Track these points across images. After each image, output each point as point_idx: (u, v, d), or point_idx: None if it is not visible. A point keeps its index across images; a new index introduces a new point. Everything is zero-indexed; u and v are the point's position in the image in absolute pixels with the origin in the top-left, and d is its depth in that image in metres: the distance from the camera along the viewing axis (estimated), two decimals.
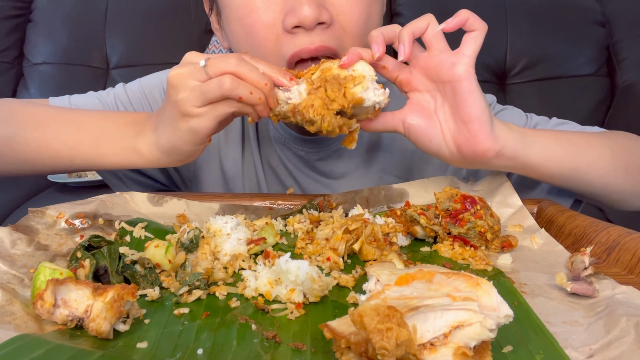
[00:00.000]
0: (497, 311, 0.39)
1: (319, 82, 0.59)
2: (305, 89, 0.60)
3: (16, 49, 2.10)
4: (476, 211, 0.61)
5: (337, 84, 0.58)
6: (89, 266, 0.51)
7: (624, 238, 0.58)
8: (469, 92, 0.60)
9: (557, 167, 0.67)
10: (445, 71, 0.61)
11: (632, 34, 1.87)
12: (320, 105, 0.58)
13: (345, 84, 0.58)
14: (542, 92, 1.84)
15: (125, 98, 0.88)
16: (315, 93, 0.58)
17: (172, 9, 2.04)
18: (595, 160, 0.69)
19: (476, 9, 0.59)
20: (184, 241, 0.57)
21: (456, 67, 0.60)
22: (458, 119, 0.62)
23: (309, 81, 0.60)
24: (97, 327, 0.43)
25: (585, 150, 0.69)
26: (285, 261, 0.50)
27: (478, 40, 0.60)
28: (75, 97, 0.88)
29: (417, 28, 0.60)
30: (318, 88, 0.59)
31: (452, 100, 0.62)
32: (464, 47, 0.60)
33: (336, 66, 0.60)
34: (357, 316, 0.37)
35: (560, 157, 0.67)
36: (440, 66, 0.61)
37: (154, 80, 0.91)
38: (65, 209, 0.64)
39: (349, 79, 0.58)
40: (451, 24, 0.59)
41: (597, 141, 0.71)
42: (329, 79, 0.58)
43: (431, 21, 0.61)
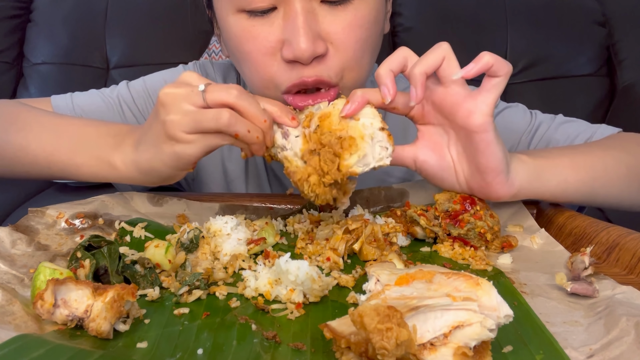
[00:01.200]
0: (497, 311, 0.39)
1: (315, 142, 0.55)
2: (301, 147, 0.56)
3: (16, 49, 2.10)
4: (476, 212, 0.61)
5: (331, 155, 0.54)
6: (89, 266, 0.51)
7: (624, 238, 0.58)
8: (486, 144, 0.56)
9: (572, 194, 0.66)
10: (461, 117, 0.57)
11: (632, 34, 1.87)
12: (316, 183, 0.55)
13: (340, 152, 0.53)
14: (542, 92, 1.84)
15: (128, 96, 0.87)
16: (310, 159, 0.55)
17: (172, 9, 2.04)
18: (610, 180, 0.68)
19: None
20: (184, 241, 0.57)
21: (473, 117, 0.56)
22: (473, 165, 0.59)
23: (306, 134, 0.57)
24: (97, 327, 0.43)
25: (601, 174, 0.67)
26: (285, 261, 0.50)
27: (500, 87, 0.56)
28: (77, 95, 0.87)
29: (432, 65, 0.55)
30: (313, 152, 0.55)
31: (466, 145, 0.59)
32: (483, 95, 0.56)
33: (337, 113, 0.56)
34: (357, 316, 0.37)
35: (577, 186, 0.65)
36: (456, 109, 0.57)
37: (158, 78, 0.90)
38: (65, 209, 0.64)
39: (346, 145, 0.53)
40: (473, 70, 0.54)
41: (612, 158, 0.70)
42: (325, 143, 0.54)
43: (447, 55, 0.55)
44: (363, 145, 0.54)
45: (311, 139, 0.56)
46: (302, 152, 0.56)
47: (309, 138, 0.56)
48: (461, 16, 1.86)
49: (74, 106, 0.85)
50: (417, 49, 0.58)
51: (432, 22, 1.89)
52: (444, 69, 0.56)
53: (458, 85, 0.57)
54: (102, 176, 0.65)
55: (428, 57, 0.55)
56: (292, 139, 0.58)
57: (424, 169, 0.62)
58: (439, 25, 1.86)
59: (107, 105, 0.86)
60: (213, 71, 0.93)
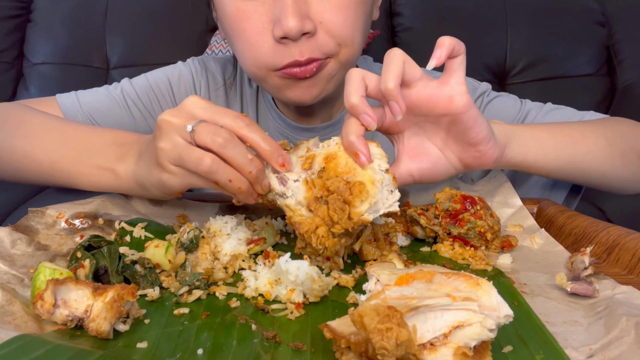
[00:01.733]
0: (497, 311, 0.39)
1: (320, 187, 0.51)
2: (305, 194, 0.52)
3: (16, 49, 2.10)
4: (476, 211, 0.61)
5: (340, 202, 0.50)
6: (89, 266, 0.51)
7: (624, 238, 0.58)
8: (474, 119, 0.57)
9: (553, 161, 0.67)
10: (442, 106, 0.57)
11: (632, 34, 1.87)
12: (325, 235, 0.51)
13: (350, 200, 0.50)
14: (542, 92, 1.84)
15: (133, 92, 0.88)
16: (318, 208, 0.51)
17: (172, 9, 2.04)
18: (590, 150, 0.70)
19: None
20: (184, 241, 0.57)
21: (455, 101, 0.56)
22: (463, 143, 0.59)
23: (308, 180, 0.53)
24: (97, 327, 0.43)
25: (580, 141, 0.69)
26: (285, 261, 0.50)
27: (464, 64, 0.57)
28: (83, 93, 0.87)
29: (399, 73, 0.54)
30: (319, 199, 0.51)
31: (450, 128, 0.59)
32: (454, 77, 0.56)
33: (344, 154, 0.53)
34: (357, 316, 0.37)
35: (556, 151, 0.67)
36: (433, 102, 0.57)
37: (160, 74, 0.91)
38: (65, 209, 0.64)
39: (356, 192, 0.50)
40: (442, 56, 0.54)
41: (591, 130, 0.71)
42: (333, 189, 0.50)
43: (405, 58, 0.54)
44: (374, 191, 0.51)
45: (315, 184, 0.52)
46: (307, 201, 0.52)
47: (311, 184, 0.52)
48: (461, 16, 1.86)
49: (81, 104, 0.84)
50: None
51: (432, 22, 1.89)
52: (407, 73, 0.55)
53: (424, 79, 0.56)
54: (105, 186, 0.65)
55: (390, 67, 0.54)
56: (292, 185, 0.54)
57: (422, 177, 0.62)
58: (439, 25, 1.86)
59: (113, 101, 0.86)
60: (213, 64, 0.94)
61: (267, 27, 0.69)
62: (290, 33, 0.66)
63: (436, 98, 0.57)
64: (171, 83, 0.90)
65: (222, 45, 1.86)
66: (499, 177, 0.75)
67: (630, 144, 0.74)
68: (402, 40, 1.85)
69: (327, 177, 0.52)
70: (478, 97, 0.88)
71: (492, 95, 0.89)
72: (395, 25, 1.95)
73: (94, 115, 0.85)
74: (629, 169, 0.74)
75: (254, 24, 0.69)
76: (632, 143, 0.75)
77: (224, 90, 0.92)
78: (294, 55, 0.69)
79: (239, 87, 0.93)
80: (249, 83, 0.92)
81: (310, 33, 0.68)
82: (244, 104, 0.93)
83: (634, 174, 0.75)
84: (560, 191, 0.82)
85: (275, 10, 0.68)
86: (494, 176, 0.76)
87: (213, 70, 0.93)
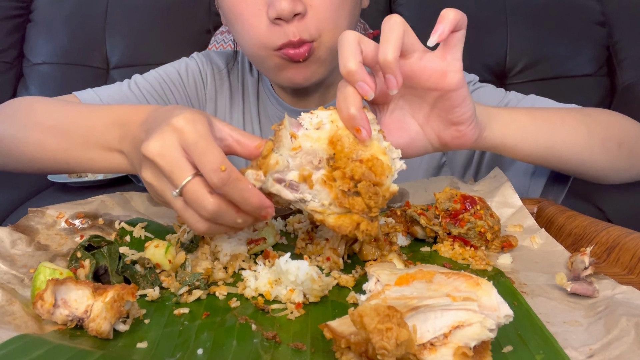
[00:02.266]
0: (497, 311, 0.39)
1: (342, 180, 0.49)
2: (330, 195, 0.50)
3: (16, 49, 2.10)
4: (476, 211, 0.61)
5: (372, 187, 0.48)
6: (89, 266, 0.51)
7: (624, 238, 0.58)
8: (462, 98, 0.56)
9: (532, 144, 0.67)
10: (434, 80, 0.55)
11: (632, 34, 1.87)
12: (368, 226, 0.50)
13: (378, 181, 0.48)
14: (542, 92, 1.82)
15: (146, 84, 0.92)
16: (352, 203, 0.49)
17: (172, 9, 2.04)
18: (569, 136, 0.70)
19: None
20: (184, 241, 0.57)
21: (449, 77, 0.54)
22: (446, 121, 0.58)
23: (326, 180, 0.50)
24: (97, 327, 0.43)
25: (560, 126, 0.69)
26: (285, 261, 0.50)
27: (463, 39, 0.54)
28: (99, 89, 0.89)
29: (399, 45, 0.51)
30: (347, 193, 0.49)
31: (437, 104, 0.58)
32: (451, 52, 0.54)
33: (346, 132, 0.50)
34: (357, 316, 0.37)
35: (535, 135, 0.67)
36: (427, 75, 0.55)
37: (168, 67, 0.96)
38: (65, 209, 0.64)
39: (379, 170, 0.48)
40: (446, 31, 0.52)
41: (571, 117, 0.72)
42: (358, 177, 0.48)
43: (405, 28, 0.52)
44: (389, 160, 0.50)
45: (336, 177, 0.50)
46: (336, 200, 0.50)
47: (330, 180, 0.50)
48: None
49: (100, 98, 0.87)
50: None
51: (432, 22, 1.88)
52: (406, 44, 0.52)
53: (420, 51, 0.54)
54: (118, 167, 0.64)
55: (391, 37, 0.51)
56: (305, 187, 0.51)
57: (398, 144, 0.58)
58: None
59: (129, 93, 0.90)
60: (216, 56, 1.00)
61: (262, 9, 0.75)
62: (283, 14, 0.72)
63: (430, 71, 0.55)
64: (180, 74, 0.96)
65: (222, 46, 1.86)
66: (499, 177, 0.75)
67: (611, 132, 0.75)
68: None
69: (340, 163, 0.49)
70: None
71: (477, 85, 0.92)
72: None
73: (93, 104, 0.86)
74: (607, 157, 0.74)
75: (250, 6, 0.76)
76: (612, 132, 0.75)
77: (228, 78, 0.98)
78: (288, 35, 0.75)
79: (240, 75, 0.99)
80: (250, 72, 0.99)
81: (301, 14, 0.74)
82: (245, 91, 0.98)
83: (613, 162, 0.76)
84: (540, 179, 0.83)
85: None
86: (494, 176, 0.76)
87: (217, 61, 0.99)
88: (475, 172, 0.93)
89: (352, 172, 0.49)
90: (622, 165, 0.78)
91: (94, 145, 0.64)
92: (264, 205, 0.49)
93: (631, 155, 0.77)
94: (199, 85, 0.96)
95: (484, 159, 0.89)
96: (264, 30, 0.76)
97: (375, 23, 1.96)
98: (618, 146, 0.75)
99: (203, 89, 0.97)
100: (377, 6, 1.96)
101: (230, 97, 0.98)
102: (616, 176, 0.80)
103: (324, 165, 0.51)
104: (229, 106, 0.97)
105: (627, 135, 0.77)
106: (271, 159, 0.50)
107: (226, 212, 0.49)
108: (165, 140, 0.48)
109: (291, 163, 0.51)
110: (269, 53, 0.78)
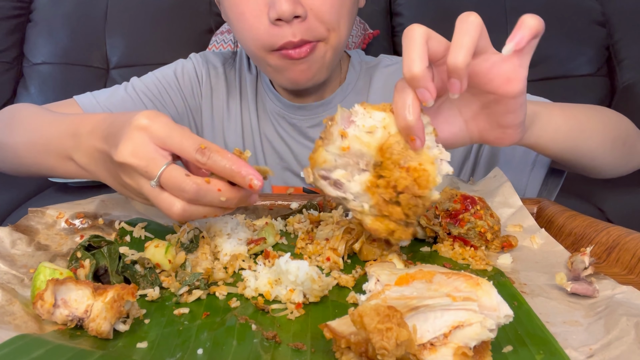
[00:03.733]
0: (497, 311, 0.39)
1: (385, 189, 0.49)
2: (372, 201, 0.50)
3: (16, 49, 2.10)
4: (476, 211, 0.61)
5: (413, 199, 0.48)
6: (89, 266, 0.51)
7: (624, 238, 0.58)
8: (519, 106, 0.54)
9: (560, 143, 0.70)
10: (496, 84, 0.52)
11: (632, 34, 1.87)
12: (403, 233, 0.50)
13: (421, 194, 0.48)
14: (542, 92, 1.82)
15: (143, 86, 0.94)
16: (392, 211, 0.49)
17: (172, 9, 2.04)
18: (592, 134, 0.73)
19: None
20: (184, 241, 0.57)
21: (512, 85, 0.52)
22: (495, 123, 0.56)
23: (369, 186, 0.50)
24: (97, 327, 0.43)
25: (586, 124, 0.72)
26: (285, 261, 0.50)
27: (535, 46, 0.52)
28: (97, 92, 0.92)
29: (473, 48, 0.48)
30: (387, 202, 0.49)
31: (490, 106, 0.55)
32: (521, 59, 0.51)
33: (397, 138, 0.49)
34: (357, 316, 0.37)
35: (565, 135, 0.69)
36: (489, 77, 0.52)
37: (165, 69, 0.98)
38: (65, 209, 0.64)
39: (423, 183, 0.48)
40: (524, 41, 0.49)
41: (593, 115, 0.75)
42: (401, 188, 0.48)
43: (482, 30, 0.49)
44: (434, 170, 0.48)
45: (379, 185, 0.49)
46: (377, 207, 0.50)
47: (374, 187, 0.50)
48: None
49: (98, 101, 0.89)
50: None
51: (432, 22, 1.87)
52: (479, 46, 0.49)
53: (489, 51, 0.52)
54: (75, 174, 0.63)
55: (465, 40, 0.47)
56: (350, 186, 0.51)
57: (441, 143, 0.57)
58: (439, 26, 1.85)
59: (126, 96, 0.92)
60: (213, 56, 1.02)
61: (263, 10, 0.76)
62: (283, 15, 0.73)
63: (493, 75, 0.52)
64: (176, 75, 0.97)
65: (222, 46, 1.86)
66: (499, 177, 0.75)
67: (619, 131, 0.78)
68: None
69: (386, 173, 0.49)
70: None
71: None
72: (395, 25, 1.95)
73: (112, 109, 0.90)
74: (614, 154, 0.78)
75: (251, 7, 0.77)
76: (620, 130, 0.78)
77: (224, 76, 0.99)
78: (287, 36, 0.76)
79: (237, 73, 1.00)
80: (249, 70, 1.00)
81: (301, 17, 0.75)
82: (243, 88, 0.99)
83: (617, 159, 0.79)
84: (538, 174, 0.84)
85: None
86: (494, 176, 0.76)
87: (213, 61, 1.00)
88: (473, 167, 0.93)
89: (396, 182, 0.48)
90: (622, 162, 0.81)
91: (53, 154, 0.64)
92: (249, 173, 0.49)
93: (630, 152, 0.81)
94: (194, 84, 0.97)
95: (482, 153, 0.90)
96: (264, 31, 0.77)
97: (375, 23, 1.97)
98: (623, 144, 0.78)
99: (198, 86, 0.98)
100: (377, 6, 1.96)
101: (227, 93, 0.98)
102: (613, 171, 0.82)
103: (370, 169, 0.51)
104: (226, 101, 0.98)
105: (628, 132, 0.80)
106: (320, 156, 0.51)
107: (208, 190, 0.49)
108: (135, 140, 0.50)
109: (338, 161, 0.51)
110: (268, 53, 0.79)
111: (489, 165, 0.89)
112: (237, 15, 0.79)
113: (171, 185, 0.49)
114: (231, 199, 0.50)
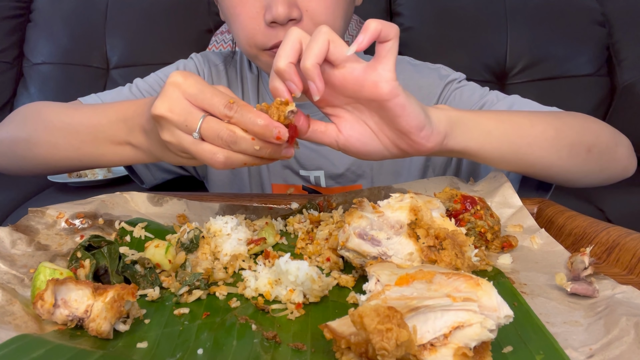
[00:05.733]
0: (497, 311, 0.39)
1: (425, 236, 0.53)
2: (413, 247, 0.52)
3: (16, 49, 2.10)
4: (476, 211, 0.61)
5: (458, 246, 0.53)
6: (89, 266, 0.51)
7: (624, 238, 0.58)
8: (402, 108, 0.55)
9: (496, 149, 0.66)
10: (368, 90, 0.55)
11: (632, 34, 1.87)
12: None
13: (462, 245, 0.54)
14: (542, 92, 1.84)
15: (146, 86, 0.96)
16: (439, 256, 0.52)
17: (172, 9, 2.05)
18: (536, 140, 0.69)
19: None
20: (184, 241, 0.57)
21: (380, 87, 0.54)
22: (395, 130, 0.58)
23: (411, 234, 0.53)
24: (97, 327, 0.43)
25: (528, 130, 0.68)
26: (285, 262, 0.50)
27: (394, 50, 0.54)
28: (102, 93, 0.93)
29: (320, 53, 0.53)
30: (431, 248, 0.52)
31: (381, 114, 0.58)
32: (382, 63, 0.54)
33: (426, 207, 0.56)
34: (357, 317, 0.37)
35: (499, 140, 0.66)
36: (359, 85, 0.55)
37: (167, 69, 0.99)
38: (65, 209, 0.64)
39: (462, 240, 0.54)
40: (365, 42, 0.52)
41: (541, 120, 0.71)
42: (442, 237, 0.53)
43: (331, 37, 0.53)
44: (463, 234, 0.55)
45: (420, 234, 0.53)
46: (420, 253, 0.52)
47: (414, 235, 0.53)
48: (461, 16, 1.86)
49: (103, 101, 0.90)
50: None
51: (432, 22, 1.89)
52: (332, 53, 0.53)
53: (352, 61, 0.55)
54: (130, 159, 0.68)
55: (313, 46, 0.53)
56: (388, 243, 0.53)
57: (350, 145, 0.60)
58: (439, 25, 1.87)
59: (131, 96, 0.93)
60: (214, 56, 1.03)
61: (259, 12, 0.77)
62: (278, 18, 0.74)
63: (362, 82, 0.55)
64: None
65: (222, 46, 1.86)
66: (499, 177, 0.75)
67: (580, 137, 0.74)
68: (402, 40, 1.84)
69: (421, 231, 0.53)
70: (447, 84, 0.93)
71: (462, 84, 0.93)
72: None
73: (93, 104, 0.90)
74: (575, 161, 0.73)
75: (248, 9, 0.78)
76: (582, 136, 0.74)
77: (226, 74, 1.01)
78: (281, 37, 0.76)
79: (239, 73, 1.01)
80: (250, 69, 1.00)
81: (296, 19, 0.76)
82: (245, 87, 1.00)
83: (580, 167, 0.75)
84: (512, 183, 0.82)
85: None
86: (494, 176, 0.76)
87: (214, 59, 1.01)
88: (455, 173, 0.94)
89: (436, 232, 0.53)
90: (591, 169, 0.77)
91: (103, 141, 0.69)
92: (273, 124, 0.53)
93: (602, 159, 0.76)
94: None
95: (463, 160, 0.90)
96: (259, 32, 0.78)
97: None
98: (587, 151, 0.73)
99: None
100: (377, 6, 1.96)
101: None
102: (586, 179, 0.79)
103: (403, 227, 0.54)
104: None
105: (599, 139, 0.76)
106: (356, 214, 0.55)
107: (243, 138, 0.53)
108: (171, 96, 0.54)
109: (374, 222, 0.54)
110: (260, 51, 0.80)
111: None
112: (233, 16, 0.80)
113: (211, 134, 0.53)
114: (263, 147, 0.53)
